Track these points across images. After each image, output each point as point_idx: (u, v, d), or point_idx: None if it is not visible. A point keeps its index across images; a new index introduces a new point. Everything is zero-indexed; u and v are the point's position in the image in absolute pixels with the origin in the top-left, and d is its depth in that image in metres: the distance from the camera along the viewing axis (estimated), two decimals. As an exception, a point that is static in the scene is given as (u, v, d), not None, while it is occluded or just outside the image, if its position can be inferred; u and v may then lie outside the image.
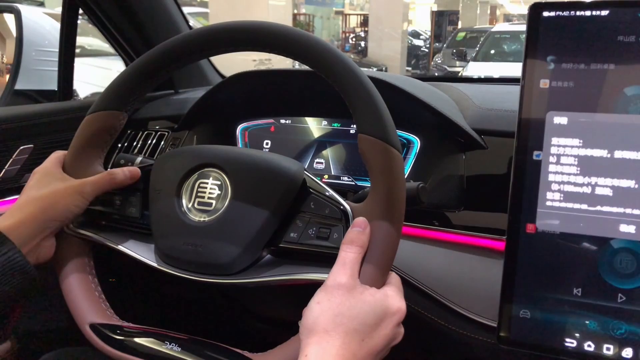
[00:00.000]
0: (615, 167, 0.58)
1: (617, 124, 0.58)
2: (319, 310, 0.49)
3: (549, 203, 0.59)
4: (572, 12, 0.61)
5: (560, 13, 0.61)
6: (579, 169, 0.59)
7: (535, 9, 0.62)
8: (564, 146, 0.60)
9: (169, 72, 0.64)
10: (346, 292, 0.50)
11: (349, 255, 0.52)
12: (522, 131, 0.61)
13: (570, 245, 0.59)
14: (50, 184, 0.61)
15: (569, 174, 0.59)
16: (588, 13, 0.61)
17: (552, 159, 0.60)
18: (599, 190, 0.58)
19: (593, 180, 0.58)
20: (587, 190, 0.58)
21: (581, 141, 0.59)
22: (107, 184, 0.62)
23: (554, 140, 0.60)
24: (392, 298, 0.52)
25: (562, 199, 0.59)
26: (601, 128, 0.59)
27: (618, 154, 0.58)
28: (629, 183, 0.57)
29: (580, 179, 0.59)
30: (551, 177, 0.60)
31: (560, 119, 0.60)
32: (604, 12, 0.60)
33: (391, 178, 0.53)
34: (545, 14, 0.62)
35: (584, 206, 0.58)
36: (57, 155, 0.66)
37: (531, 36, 0.62)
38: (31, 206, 0.59)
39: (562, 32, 0.61)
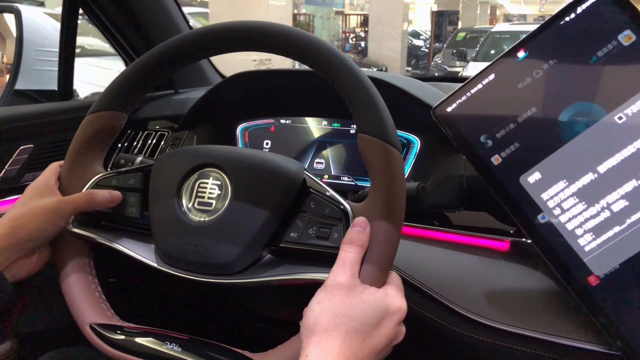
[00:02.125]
0: (611, 180, 0.58)
1: (578, 148, 0.59)
2: (320, 310, 0.49)
3: (587, 248, 0.58)
4: (467, 95, 0.64)
5: (459, 100, 0.64)
6: (584, 202, 0.58)
7: (437, 112, 0.65)
8: (556, 194, 0.60)
9: (169, 72, 0.64)
10: (346, 292, 0.50)
11: (349, 255, 0.52)
12: (512, 208, 0.61)
13: (636, 267, 0.57)
14: (28, 203, 0.60)
15: (581, 212, 0.59)
16: (479, 86, 0.63)
17: (557, 211, 0.59)
18: (615, 207, 0.58)
19: (603, 202, 0.58)
20: (607, 213, 0.58)
21: (565, 180, 0.59)
22: (86, 204, 0.62)
23: (545, 196, 0.60)
24: (393, 297, 0.52)
25: (594, 237, 0.58)
26: (570, 160, 0.59)
27: (602, 169, 0.58)
28: (633, 183, 0.57)
29: (593, 209, 0.58)
30: (570, 226, 0.59)
31: (534, 176, 0.61)
32: (491, 77, 0.63)
33: (391, 178, 0.53)
34: (449, 109, 0.64)
35: (617, 228, 0.58)
36: (52, 169, 0.65)
37: (454, 134, 0.64)
38: (3, 227, 0.58)
39: (474, 114, 0.63)
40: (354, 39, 13.86)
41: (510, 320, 0.63)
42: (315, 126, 0.96)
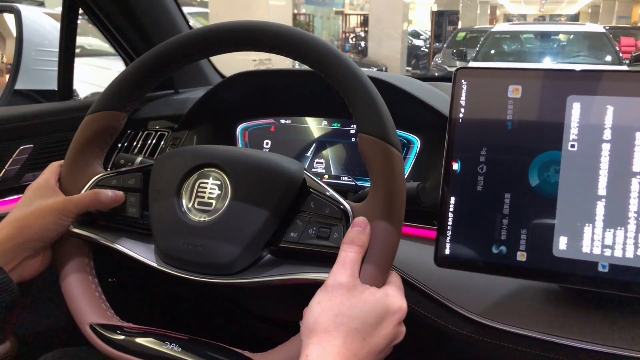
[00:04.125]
0: (617, 192, 0.58)
1: (569, 192, 0.60)
2: (320, 310, 0.49)
3: None
4: (449, 230, 0.64)
5: (448, 238, 0.64)
6: (619, 227, 0.58)
7: (440, 262, 0.65)
8: (593, 239, 0.59)
9: (169, 72, 0.64)
10: (346, 292, 0.50)
11: (349, 254, 0.52)
12: (574, 280, 0.60)
13: None
14: (33, 203, 0.60)
15: (626, 235, 0.58)
16: (451, 215, 0.64)
17: (608, 251, 0.59)
18: None
19: (632, 214, 0.58)
20: None
21: (588, 224, 0.59)
22: (91, 203, 0.62)
23: (586, 249, 0.59)
24: (393, 297, 0.52)
25: None
26: (573, 206, 0.60)
27: (602, 191, 0.59)
28: (637, 181, 0.57)
29: (632, 225, 0.58)
30: (629, 253, 0.59)
31: (563, 242, 0.60)
32: (452, 201, 0.64)
33: (391, 178, 0.53)
34: (447, 252, 0.65)
35: None
36: (52, 169, 0.65)
37: (471, 266, 0.64)
38: (9, 227, 0.58)
39: (469, 239, 0.64)
40: (354, 39, 13.86)
41: (510, 320, 0.63)
42: (315, 126, 0.96)
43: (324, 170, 0.94)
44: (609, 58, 5.81)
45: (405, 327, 0.54)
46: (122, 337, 0.59)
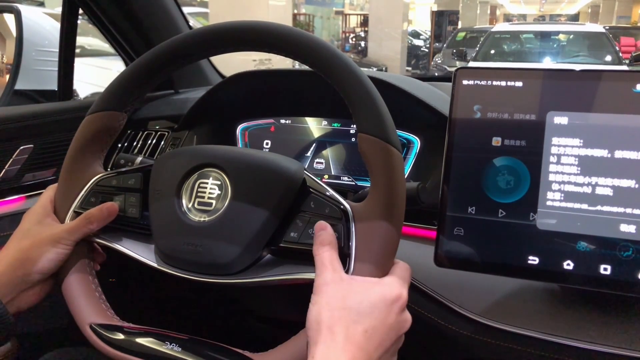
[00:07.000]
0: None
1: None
2: (317, 311, 0.50)
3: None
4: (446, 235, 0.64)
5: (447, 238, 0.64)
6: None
7: (439, 264, 0.65)
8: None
9: (169, 72, 0.64)
10: (335, 286, 0.51)
11: (324, 254, 0.53)
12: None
13: None
14: (30, 234, 0.60)
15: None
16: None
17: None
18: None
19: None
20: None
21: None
22: (85, 227, 0.61)
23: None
24: (389, 285, 0.52)
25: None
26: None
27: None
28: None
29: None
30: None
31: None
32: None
33: (391, 177, 0.53)
34: (444, 249, 0.64)
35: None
36: (48, 195, 0.65)
37: (475, 268, 0.64)
38: (9, 258, 0.59)
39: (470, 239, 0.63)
40: (354, 39, 13.86)
41: (510, 320, 0.63)
42: (315, 126, 0.96)
43: (324, 170, 0.94)
44: (608, 58, 5.82)
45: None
46: (122, 337, 0.59)
